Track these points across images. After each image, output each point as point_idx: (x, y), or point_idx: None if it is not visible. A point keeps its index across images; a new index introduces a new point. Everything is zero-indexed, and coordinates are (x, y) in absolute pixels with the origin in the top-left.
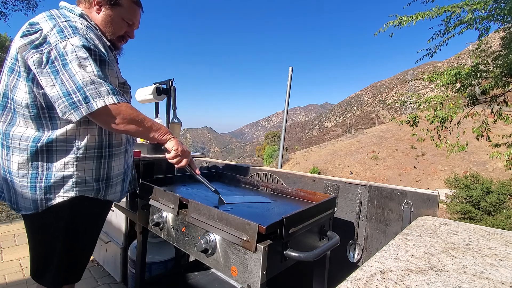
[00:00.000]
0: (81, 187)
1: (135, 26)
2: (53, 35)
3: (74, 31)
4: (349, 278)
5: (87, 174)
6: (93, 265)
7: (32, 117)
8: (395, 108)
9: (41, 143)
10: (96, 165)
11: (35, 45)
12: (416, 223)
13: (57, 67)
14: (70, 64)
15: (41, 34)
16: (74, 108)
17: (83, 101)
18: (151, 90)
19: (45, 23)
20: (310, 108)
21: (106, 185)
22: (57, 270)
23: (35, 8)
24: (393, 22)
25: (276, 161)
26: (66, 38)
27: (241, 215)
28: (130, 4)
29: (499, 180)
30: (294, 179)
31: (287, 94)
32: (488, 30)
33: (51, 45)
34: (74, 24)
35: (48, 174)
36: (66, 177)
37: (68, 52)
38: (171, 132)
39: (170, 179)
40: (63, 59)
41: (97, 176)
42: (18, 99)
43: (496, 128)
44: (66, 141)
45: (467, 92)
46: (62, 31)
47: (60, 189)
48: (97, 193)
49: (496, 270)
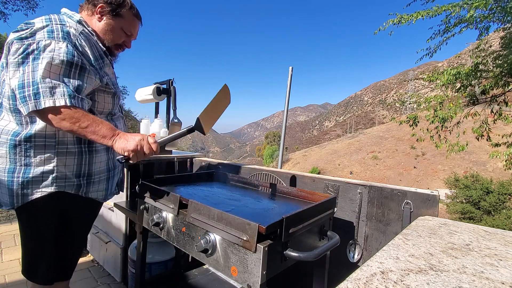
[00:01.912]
0: (61, 182)
1: (133, 37)
2: (42, 32)
3: (65, 36)
4: (349, 278)
5: (67, 169)
6: (93, 265)
7: (12, 109)
8: (395, 108)
9: (20, 138)
10: (77, 161)
11: (20, 37)
12: (416, 223)
13: (28, 58)
14: (40, 59)
15: (31, 29)
16: (23, 102)
17: (33, 97)
18: (151, 90)
19: (40, 22)
20: (310, 108)
21: (88, 181)
22: (47, 266)
23: (35, 8)
24: (393, 20)
25: (276, 161)
26: (53, 39)
27: (241, 215)
28: (131, 16)
29: (499, 180)
30: (294, 179)
31: (287, 94)
32: (488, 29)
33: (35, 39)
34: (67, 30)
35: (27, 169)
36: (46, 172)
37: (47, 50)
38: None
39: (170, 179)
40: (37, 53)
41: (78, 172)
42: (6, 93)
43: (496, 128)
44: (46, 136)
45: (467, 92)
46: (52, 32)
47: (39, 184)
48: (77, 189)
49: (496, 270)
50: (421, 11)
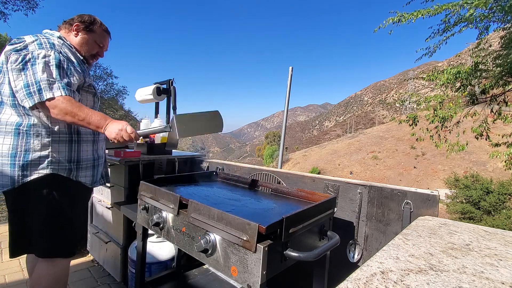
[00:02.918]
0: (55, 165)
1: (104, 48)
2: (33, 45)
3: (51, 46)
4: (349, 278)
5: (60, 155)
6: (93, 265)
7: (12, 104)
8: (395, 108)
9: (22, 127)
10: (68, 148)
11: (16, 49)
12: (416, 223)
13: (27, 65)
14: (37, 65)
15: (23, 43)
16: (29, 97)
17: (37, 92)
18: (151, 90)
19: (29, 38)
20: (310, 108)
21: (77, 167)
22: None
23: (35, 8)
24: (393, 18)
25: (276, 161)
26: (43, 49)
27: (241, 215)
28: (101, 31)
29: (499, 180)
30: (294, 179)
31: (287, 94)
32: (488, 29)
33: (28, 50)
34: (52, 41)
35: (27, 154)
36: (42, 156)
37: (40, 57)
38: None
39: (170, 179)
40: (33, 61)
41: (69, 158)
42: (5, 92)
43: (496, 128)
44: (42, 127)
45: (467, 91)
46: (41, 44)
47: (37, 166)
48: (69, 173)
49: (496, 270)
50: (421, 10)
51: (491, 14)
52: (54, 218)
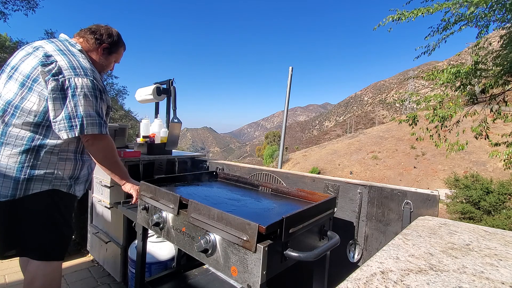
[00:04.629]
0: (57, 182)
1: (117, 62)
2: (67, 69)
3: (86, 72)
4: (349, 278)
5: (65, 173)
6: (93, 265)
7: (34, 123)
8: (395, 108)
9: (34, 144)
10: (73, 166)
11: (53, 74)
12: (416, 223)
13: (67, 95)
14: (77, 96)
15: (56, 65)
16: (70, 129)
17: (79, 126)
18: (151, 90)
19: (58, 56)
20: (310, 108)
21: (75, 182)
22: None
23: (35, 8)
24: (393, 16)
25: (276, 161)
26: (78, 76)
27: (241, 215)
28: (122, 51)
29: (499, 180)
30: (294, 179)
31: (287, 94)
32: (488, 28)
33: (64, 76)
34: (84, 65)
35: (33, 169)
36: (48, 173)
37: (78, 86)
38: (127, 176)
39: (170, 179)
40: (73, 91)
41: (71, 175)
42: (26, 108)
43: (496, 127)
44: (54, 145)
45: (466, 91)
46: (74, 68)
47: (40, 182)
48: (69, 189)
49: (496, 270)
50: (421, 8)
51: (491, 13)
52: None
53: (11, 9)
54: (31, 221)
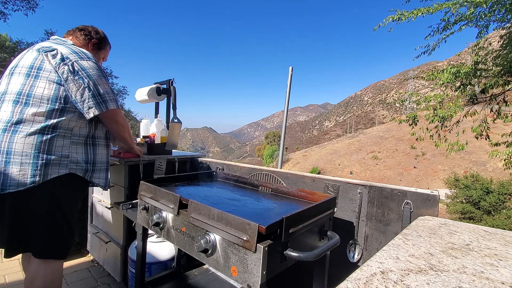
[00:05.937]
0: (73, 165)
1: (105, 60)
2: (71, 54)
3: (88, 56)
4: (349, 278)
5: (78, 156)
6: (93, 265)
7: (48, 108)
8: (395, 108)
9: (48, 129)
10: (84, 150)
11: (60, 59)
12: (416, 223)
13: (82, 76)
14: (92, 76)
15: (57, 51)
16: (96, 106)
17: (103, 103)
18: (151, 90)
19: (57, 45)
20: (310, 108)
21: (93, 168)
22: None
23: (35, 8)
24: (393, 17)
25: (276, 161)
26: (83, 59)
27: (241, 215)
28: (108, 48)
29: (499, 180)
30: (294, 179)
31: (287, 94)
32: (488, 27)
33: (71, 60)
34: (85, 50)
35: (49, 154)
36: (63, 156)
37: (88, 68)
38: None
39: (170, 179)
40: (86, 72)
41: (86, 159)
42: (38, 94)
43: (496, 127)
44: (66, 129)
45: (467, 91)
46: (77, 53)
47: (57, 166)
48: (85, 173)
49: (496, 270)
50: (421, 8)
51: (491, 13)
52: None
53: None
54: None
